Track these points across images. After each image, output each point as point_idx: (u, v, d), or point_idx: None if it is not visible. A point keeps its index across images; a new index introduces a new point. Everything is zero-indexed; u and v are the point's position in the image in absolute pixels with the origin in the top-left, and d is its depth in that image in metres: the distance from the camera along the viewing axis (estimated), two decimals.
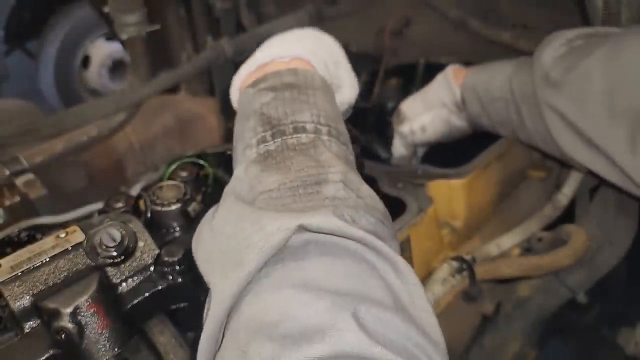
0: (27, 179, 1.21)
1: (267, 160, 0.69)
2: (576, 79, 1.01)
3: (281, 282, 0.56)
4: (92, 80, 4.20)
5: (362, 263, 0.58)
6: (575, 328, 1.84)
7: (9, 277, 0.73)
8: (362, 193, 0.66)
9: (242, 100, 0.80)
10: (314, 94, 0.76)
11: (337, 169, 0.67)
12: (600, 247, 1.36)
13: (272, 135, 0.71)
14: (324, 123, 0.73)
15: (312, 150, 0.69)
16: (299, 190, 0.64)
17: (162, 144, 1.69)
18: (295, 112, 0.73)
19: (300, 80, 0.77)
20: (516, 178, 1.43)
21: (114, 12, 1.25)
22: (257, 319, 0.54)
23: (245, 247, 0.59)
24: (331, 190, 0.64)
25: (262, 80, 0.78)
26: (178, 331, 0.81)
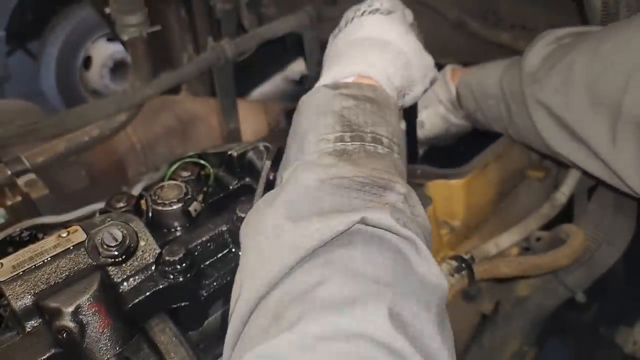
0: (29, 179, 1.22)
1: (343, 155, 0.71)
2: (560, 72, 1.03)
3: (325, 262, 0.59)
4: (94, 80, 4.20)
5: (402, 260, 0.60)
6: (574, 327, 1.84)
7: (11, 276, 0.73)
8: (417, 211, 0.69)
9: (318, 97, 0.81)
10: (390, 113, 0.80)
11: (402, 183, 0.70)
12: (598, 247, 1.36)
13: (351, 137, 0.74)
14: (396, 142, 0.77)
15: (387, 159, 0.73)
16: (366, 187, 0.67)
17: (163, 144, 1.69)
18: (375, 124, 0.76)
19: (378, 97, 0.81)
20: (515, 178, 1.44)
21: (115, 13, 1.25)
22: (296, 289, 0.57)
23: (305, 232, 0.61)
24: (393, 198, 0.66)
25: (343, 86, 0.81)
26: (179, 330, 0.81)
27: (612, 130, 0.96)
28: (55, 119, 1.23)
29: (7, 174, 1.21)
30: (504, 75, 1.18)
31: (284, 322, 0.53)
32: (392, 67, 0.88)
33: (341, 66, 0.87)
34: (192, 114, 1.76)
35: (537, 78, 1.08)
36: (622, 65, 0.94)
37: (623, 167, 0.97)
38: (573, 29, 1.12)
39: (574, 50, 1.03)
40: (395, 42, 0.90)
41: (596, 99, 0.97)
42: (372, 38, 0.90)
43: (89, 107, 1.30)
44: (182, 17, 1.94)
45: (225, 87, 1.49)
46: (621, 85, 0.93)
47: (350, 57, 0.88)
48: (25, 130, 1.18)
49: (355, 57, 0.88)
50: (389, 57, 0.89)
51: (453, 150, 1.49)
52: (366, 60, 0.87)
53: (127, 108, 1.31)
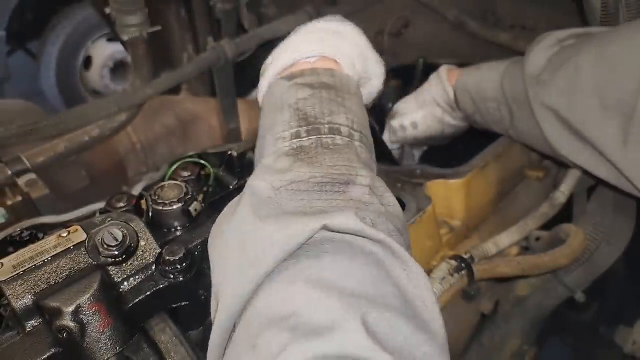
0: (29, 179, 1.22)
1: (299, 154, 0.69)
2: (566, 74, 1.02)
3: (295, 278, 0.57)
4: (94, 81, 4.20)
5: (375, 266, 0.58)
6: (574, 327, 1.84)
7: (11, 276, 0.73)
8: (386, 201, 0.67)
9: (275, 91, 0.79)
10: (350, 98, 0.77)
11: (366, 173, 0.68)
12: (598, 247, 1.36)
13: (307, 132, 0.71)
14: (357, 129, 0.74)
15: (346, 150, 0.70)
16: (326, 187, 0.64)
17: (164, 144, 1.70)
18: (332, 113, 0.73)
19: (337, 82, 0.78)
20: (514, 178, 1.44)
21: (115, 13, 1.25)
22: (269, 312, 0.55)
23: (266, 244, 0.59)
24: (357, 193, 0.65)
25: (299, 75, 0.79)
26: (179, 330, 0.81)
27: (623, 133, 0.95)
28: (55, 119, 1.23)
29: (8, 174, 1.21)
30: (505, 78, 1.18)
31: (263, 353, 0.52)
32: (350, 50, 0.86)
33: (299, 51, 0.84)
34: (192, 114, 1.77)
35: (541, 80, 1.08)
36: (633, 67, 0.93)
37: (635, 171, 0.96)
38: (574, 31, 1.12)
39: (579, 53, 1.02)
40: (351, 35, 0.88)
41: (605, 101, 0.96)
42: (328, 29, 0.88)
43: (89, 107, 1.30)
44: (182, 17, 1.94)
45: (225, 87, 1.49)
46: (633, 87, 0.92)
47: (307, 42, 0.85)
48: (26, 130, 1.18)
49: (312, 41, 0.85)
50: (347, 44, 0.86)
51: (453, 150, 1.49)
52: (325, 43, 0.84)
53: (127, 108, 1.31)
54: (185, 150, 1.58)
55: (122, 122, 1.35)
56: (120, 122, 1.34)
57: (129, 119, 1.35)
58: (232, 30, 1.78)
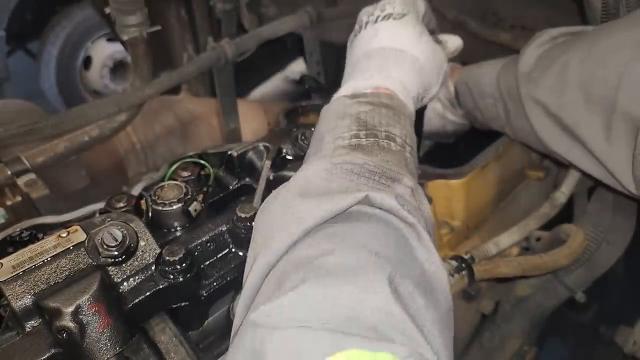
0: (29, 179, 1.22)
1: (357, 148, 0.74)
2: (555, 71, 1.04)
3: (330, 234, 0.61)
4: (94, 80, 4.21)
5: (403, 240, 0.63)
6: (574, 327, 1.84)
7: (11, 276, 0.73)
8: (423, 207, 0.71)
9: (337, 106, 0.86)
10: (405, 119, 0.84)
11: (411, 179, 0.73)
12: (598, 247, 1.36)
13: (365, 135, 0.77)
14: (409, 144, 0.80)
15: (398, 155, 0.76)
16: (376, 176, 0.69)
17: (163, 144, 1.70)
18: (389, 125, 0.79)
19: (395, 103, 0.85)
20: (515, 178, 1.44)
21: (115, 13, 1.25)
22: (294, 259, 0.59)
23: (312, 205, 0.64)
24: (400, 190, 0.69)
25: (362, 95, 0.86)
26: (179, 330, 0.81)
27: (606, 128, 0.96)
28: (55, 119, 1.23)
29: (7, 174, 1.21)
30: (501, 75, 1.19)
31: (287, 285, 0.55)
32: (408, 76, 0.92)
33: (358, 80, 0.91)
34: (192, 114, 1.77)
35: (532, 77, 1.09)
36: (615, 63, 0.94)
37: (617, 165, 0.98)
38: (568, 29, 1.13)
39: (568, 50, 1.04)
40: (409, 50, 0.94)
41: (590, 97, 0.98)
42: (386, 48, 0.94)
43: (89, 107, 1.30)
44: (182, 17, 1.94)
45: (225, 87, 1.49)
46: (614, 83, 0.94)
47: (367, 70, 0.92)
48: (25, 130, 1.18)
49: (372, 69, 0.92)
50: (405, 66, 0.93)
51: (453, 150, 1.49)
52: (382, 72, 0.91)
53: (127, 108, 1.31)
54: (185, 150, 1.58)
55: (122, 122, 1.34)
56: (120, 122, 1.34)
57: (128, 119, 1.35)
58: (232, 30, 1.78)
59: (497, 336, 1.49)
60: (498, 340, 1.50)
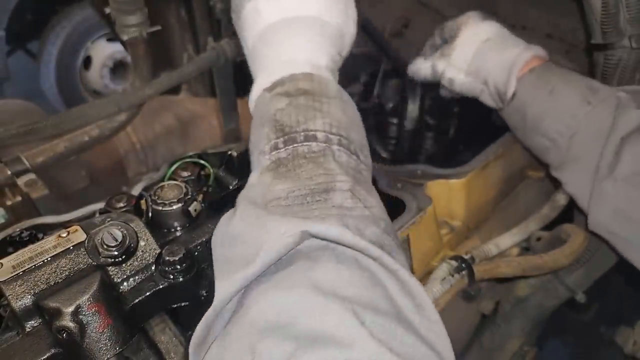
0: (29, 179, 1.22)
1: (278, 168, 0.70)
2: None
3: (292, 282, 0.57)
4: (94, 80, 4.21)
5: (366, 272, 0.59)
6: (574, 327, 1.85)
7: (11, 276, 0.73)
8: (369, 203, 0.67)
9: (259, 104, 0.81)
10: (328, 102, 0.77)
11: (345, 178, 0.68)
12: (599, 247, 1.36)
13: (284, 142, 0.72)
14: (336, 132, 0.73)
15: (321, 158, 0.70)
16: (307, 198, 0.65)
17: (163, 144, 1.70)
18: (307, 120, 0.73)
19: (315, 87, 0.78)
20: (515, 178, 1.44)
21: (115, 13, 1.25)
22: (267, 317, 0.55)
23: (252, 249, 0.60)
24: (338, 199, 0.65)
25: (279, 83, 0.79)
26: (179, 330, 0.81)
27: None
28: (55, 119, 1.23)
29: (7, 174, 1.21)
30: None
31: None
32: (325, 50, 0.84)
33: (271, 66, 0.83)
34: (192, 114, 1.77)
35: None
36: None
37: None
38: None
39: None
40: (318, 16, 0.84)
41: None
42: (290, 18, 0.84)
43: (89, 107, 1.30)
44: (182, 17, 1.94)
45: (225, 87, 1.49)
46: None
47: (277, 50, 0.84)
48: (25, 130, 1.18)
49: (281, 51, 0.83)
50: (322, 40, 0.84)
51: (453, 150, 1.49)
52: (292, 54, 0.83)
53: (127, 108, 1.31)
54: (185, 150, 1.58)
55: (121, 122, 1.34)
56: (120, 122, 1.34)
57: (128, 119, 1.35)
58: (232, 30, 1.78)
59: (497, 336, 1.49)
60: (498, 341, 1.50)
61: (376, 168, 1.27)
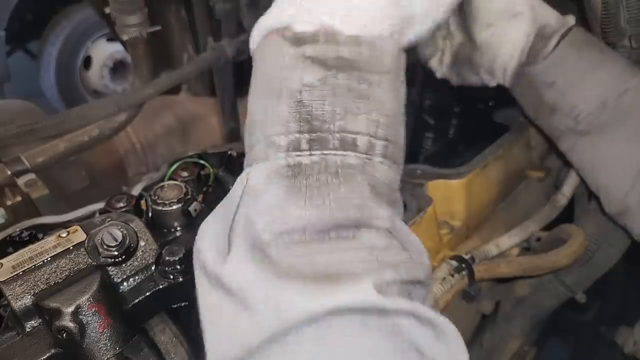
0: (29, 179, 1.22)
1: (296, 178, 0.53)
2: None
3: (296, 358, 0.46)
4: (94, 80, 4.21)
5: (397, 337, 0.47)
6: (574, 327, 1.84)
7: (11, 276, 0.73)
8: (410, 245, 0.54)
9: (272, 56, 0.58)
10: (379, 82, 0.56)
11: (385, 213, 0.53)
12: (599, 247, 1.36)
13: (308, 142, 0.54)
14: (382, 136, 0.56)
15: (358, 178, 0.53)
16: (330, 233, 0.51)
17: (164, 144, 1.70)
18: (347, 114, 0.54)
19: (364, 57, 0.56)
20: (515, 178, 1.43)
21: (115, 13, 1.25)
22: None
23: (252, 323, 0.49)
24: (372, 239, 0.51)
25: (311, 40, 0.56)
26: (179, 330, 0.81)
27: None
28: (55, 119, 1.23)
29: (7, 174, 1.21)
30: None
31: None
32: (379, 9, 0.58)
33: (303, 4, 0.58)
34: (192, 114, 1.77)
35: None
36: None
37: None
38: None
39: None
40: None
41: None
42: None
43: (89, 107, 1.30)
44: (182, 17, 1.94)
45: (225, 87, 1.49)
46: None
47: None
48: (25, 130, 1.18)
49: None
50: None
51: (453, 150, 1.49)
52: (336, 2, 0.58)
53: (127, 108, 1.31)
54: (185, 150, 1.58)
55: (121, 122, 1.34)
56: (120, 122, 1.34)
57: (128, 119, 1.35)
58: (232, 30, 1.78)
59: (497, 336, 1.49)
60: (498, 341, 1.49)
61: None
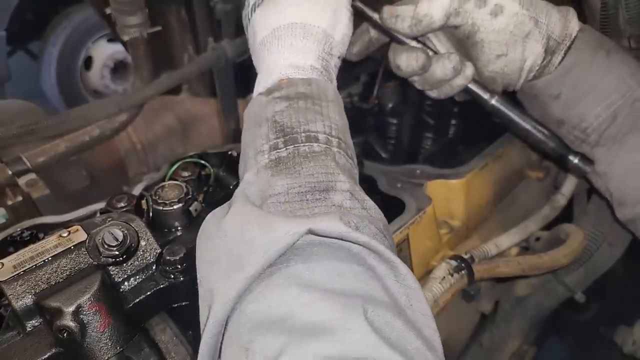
0: (30, 179, 1.22)
1: (278, 165, 0.70)
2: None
3: (287, 281, 0.57)
4: (94, 81, 4.22)
5: (364, 266, 0.60)
6: (573, 327, 1.85)
7: (12, 276, 0.73)
8: (367, 204, 0.68)
9: (254, 107, 0.80)
10: (327, 105, 0.77)
11: (345, 179, 0.68)
12: (598, 247, 1.36)
13: (284, 142, 0.72)
14: (335, 135, 0.74)
15: (322, 156, 0.70)
16: (307, 195, 0.65)
17: (164, 144, 1.70)
18: (308, 122, 0.73)
19: (314, 90, 0.78)
20: (514, 178, 1.44)
21: (115, 13, 1.25)
22: (261, 316, 0.55)
23: (251, 249, 0.59)
24: (338, 199, 0.66)
25: (277, 89, 0.78)
26: (179, 329, 0.81)
27: None
28: (56, 119, 1.23)
29: (8, 174, 1.21)
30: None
31: (257, 357, 0.51)
32: (313, 52, 0.82)
33: (268, 72, 0.83)
34: (193, 114, 1.77)
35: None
36: None
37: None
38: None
39: None
40: (302, 21, 0.83)
41: None
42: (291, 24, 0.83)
43: (90, 107, 1.30)
44: (182, 17, 1.94)
45: (225, 87, 1.49)
46: None
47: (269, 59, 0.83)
48: (26, 131, 1.19)
49: (277, 59, 0.82)
50: (307, 43, 0.83)
51: (453, 150, 1.49)
52: (287, 60, 0.82)
53: (127, 108, 1.32)
54: (186, 150, 1.58)
55: (122, 122, 1.35)
56: (120, 122, 1.34)
57: (129, 119, 1.35)
58: (232, 30, 1.78)
59: (497, 336, 1.49)
60: (497, 340, 1.50)
61: (376, 168, 1.27)
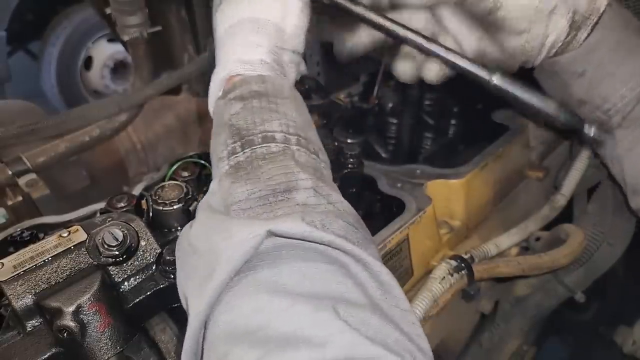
0: (30, 179, 1.22)
1: (238, 172, 0.68)
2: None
3: (256, 289, 0.56)
4: (94, 81, 4.22)
5: (335, 264, 0.59)
6: (573, 327, 1.85)
7: (12, 276, 0.74)
8: (333, 199, 0.67)
9: (215, 113, 0.80)
10: (283, 102, 0.76)
11: (307, 176, 0.67)
12: (598, 247, 1.36)
13: (241, 146, 0.70)
14: (293, 132, 0.73)
15: (281, 157, 0.69)
16: (269, 198, 0.64)
17: (164, 144, 1.70)
18: (264, 122, 0.72)
19: (268, 88, 0.76)
20: (514, 178, 1.44)
21: (115, 13, 1.25)
22: (234, 327, 0.54)
23: (215, 257, 0.59)
24: (301, 197, 0.64)
25: (231, 89, 0.78)
26: (179, 329, 0.81)
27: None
28: (56, 119, 1.23)
29: (8, 174, 1.21)
30: None
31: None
32: (264, 46, 0.81)
33: (220, 68, 0.83)
34: (193, 114, 1.77)
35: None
36: None
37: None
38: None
39: None
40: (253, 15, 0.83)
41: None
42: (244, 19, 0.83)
43: (90, 107, 1.30)
44: (182, 17, 1.94)
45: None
46: None
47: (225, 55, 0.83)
48: (26, 131, 1.19)
49: (228, 54, 0.83)
50: (258, 38, 0.81)
51: (453, 150, 1.49)
52: (236, 55, 0.81)
53: (127, 108, 1.32)
54: (186, 150, 1.58)
55: (122, 122, 1.35)
56: (120, 122, 1.34)
57: (129, 119, 1.35)
58: None
59: (497, 336, 1.49)
60: (497, 340, 1.50)
61: (376, 168, 1.27)
